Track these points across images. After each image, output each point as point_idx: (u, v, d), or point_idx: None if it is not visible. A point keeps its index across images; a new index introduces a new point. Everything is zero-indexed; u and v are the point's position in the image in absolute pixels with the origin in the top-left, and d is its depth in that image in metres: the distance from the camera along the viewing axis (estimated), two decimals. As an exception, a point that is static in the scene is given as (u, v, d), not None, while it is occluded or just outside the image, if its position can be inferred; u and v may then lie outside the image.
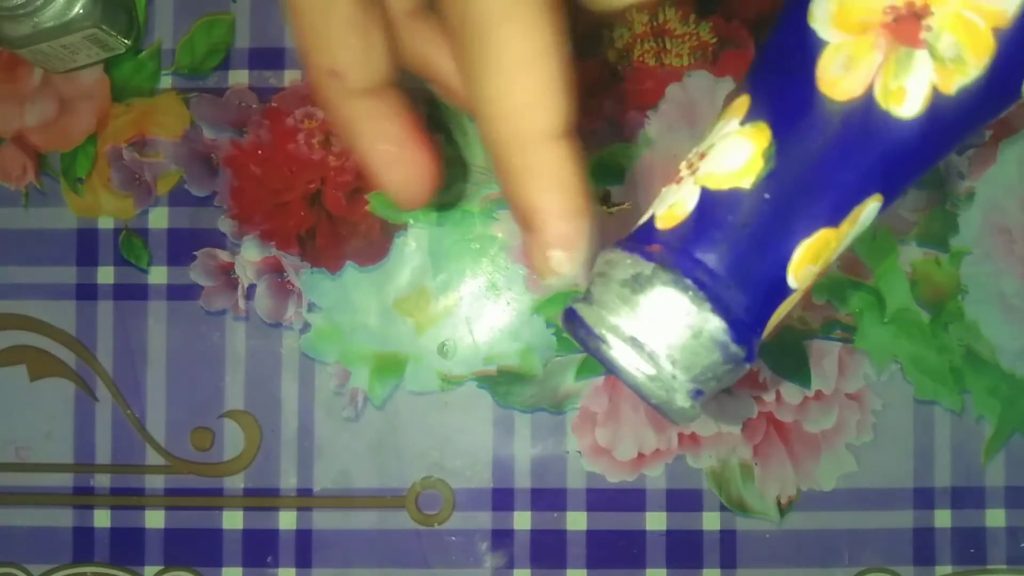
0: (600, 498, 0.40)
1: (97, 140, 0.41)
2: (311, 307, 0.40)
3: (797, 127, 0.18)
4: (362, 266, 0.40)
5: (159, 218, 0.40)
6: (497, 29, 0.17)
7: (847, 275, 0.40)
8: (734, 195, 0.18)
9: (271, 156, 0.40)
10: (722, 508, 0.40)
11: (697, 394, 0.19)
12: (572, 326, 0.20)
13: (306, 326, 0.40)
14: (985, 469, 0.40)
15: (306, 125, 0.40)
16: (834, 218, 0.18)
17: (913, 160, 0.18)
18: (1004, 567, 0.40)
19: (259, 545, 0.40)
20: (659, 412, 0.19)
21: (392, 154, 0.22)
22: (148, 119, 0.41)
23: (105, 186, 0.41)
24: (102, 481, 0.40)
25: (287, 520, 0.40)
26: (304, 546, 0.40)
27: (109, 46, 0.39)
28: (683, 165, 0.20)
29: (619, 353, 0.18)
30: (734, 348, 0.18)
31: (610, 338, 0.18)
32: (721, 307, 0.18)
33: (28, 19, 0.35)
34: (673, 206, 0.19)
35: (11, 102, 0.41)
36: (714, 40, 0.40)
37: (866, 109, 0.17)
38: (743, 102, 0.19)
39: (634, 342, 0.18)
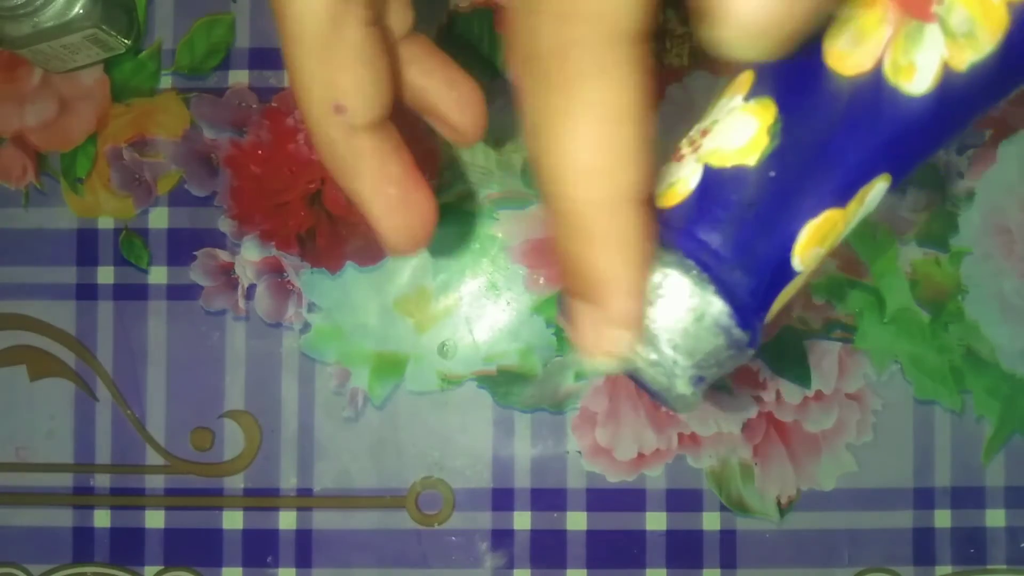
0: (600, 498, 0.40)
1: (97, 140, 0.41)
2: (311, 307, 0.40)
3: (804, 103, 0.17)
4: (362, 266, 0.40)
5: (159, 218, 0.40)
6: (590, 81, 0.15)
7: (847, 275, 0.40)
8: (738, 173, 0.17)
9: (271, 156, 0.40)
10: (722, 508, 0.40)
11: (699, 380, 0.18)
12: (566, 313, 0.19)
13: (306, 326, 0.40)
14: (985, 469, 0.40)
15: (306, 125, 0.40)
16: (842, 198, 0.17)
17: (923, 138, 0.17)
18: (1004, 567, 0.40)
19: (259, 545, 0.40)
20: (657, 400, 0.19)
21: (396, 198, 0.20)
22: (148, 119, 0.41)
23: (105, 186, 0.41)
24: (102, 481, 0.40)
25: (287, 520, 0.40)
26: (304, 546, 0.40)
27: (109, 46, 0.39)
28: (684, 142, 0.19)
29: None
30: (737, 333, 0.17)
31: None
32: (725, 290, 0.17)
33: (28, 19, 0.35)
34: (674, 184, 0.18)
35: (11, 102, 0.41)
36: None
37: (875, 84, 0.17)
38: (747, 78, 0.18)
39: None
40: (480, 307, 0.40)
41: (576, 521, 0.40)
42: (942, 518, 0.39)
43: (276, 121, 0.40)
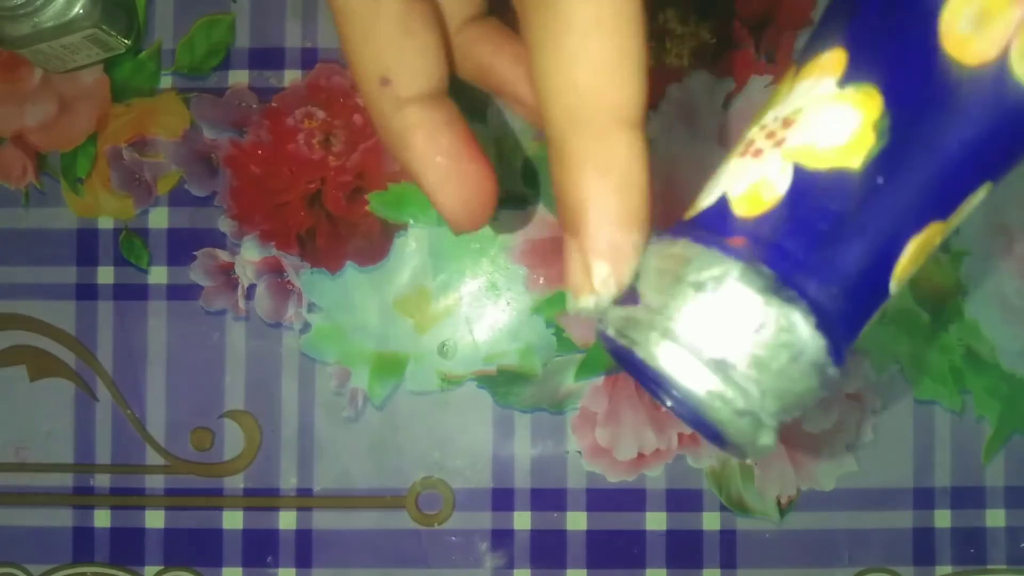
0: (600, 498, 0.40)
1: (97, 140, 0.41)
2: (311, 307, 0.40)
3: (916, 94, 0.14)
4: (362, 266, 0.40)
5: (159, 218, 0.40)
6: None
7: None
8: (839, 177, 0.14)
9: (271, 156, 0.40)
10: (722, 508, 0.40)
11: (781, 426, 0.15)
12: (618, 344, 0.16)
13: (306, 326, 0.40)
14: (985, 469, 0.40)
15: (306, 125, 0.40)
16: (948, 208, 0.15)
17: None
18: (1004, 567, 0.40)
19: (259, 545, 0.40)
20: (717, 439, 0.16)
21: (446, 168, 0.19)
22: (148, 119, 0.41)
23: (105, 186, 0.41)
24: (102, 481, 0.40)
25: (287, 520, 0.40)
26: (304, 546, 0.40)
27: (109, 46, 0.39)
28: (757, 132, 0.16)
29: (694, 380, 0.14)
30: (832, 371, 0.15)
31: (683, 360, 0.14)
32: (825, 322, 0.14)
33: (28, 19, 0.35)
34: (756, 187, 0.15)
35: (11, 102, 0.41)
36: (714, 40, 0.40)
37: (998, 78, 0.14)
38: (838, 58, 0.15)
39: (719, 366, 0.14)
40: (480, 307, 0.40)
41: (576, 521, 0.40)
42: (942, 518, 0.39)
43: (276, 121, 0.40)
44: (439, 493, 0.40)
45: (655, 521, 0.39)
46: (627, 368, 0.17)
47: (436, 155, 0.19)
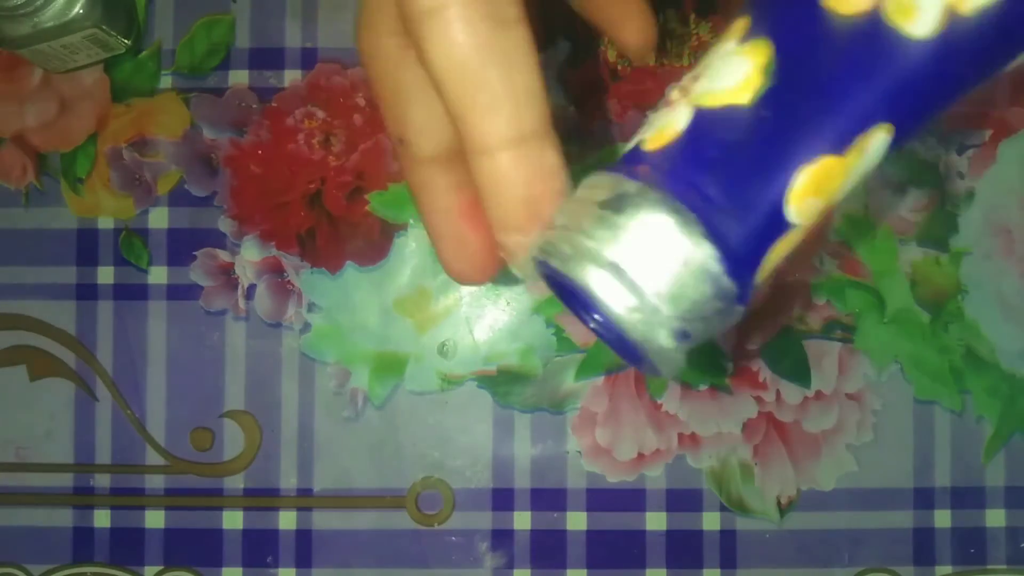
0: (600, 498, 0.40)
1: (97, 140, 0.41)
2: (311, 307, 0.40)
3: (799, 43, 0.16)
4: (362, 266, 0.40)
5: (159, 218, 0.40)
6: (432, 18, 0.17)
7: (847, 275, 0.40)
8: (730, 112, 0.17)
9: (271, 156, 0.40)
10: (722, 508, 0.40)
11: (682, 335, 0.17)
12: (539, 261, 0.18)
13: (306, 326, 0.40)
14: (985, 469, 0.40)
15: (306, 125, 0.40)
16: (838, 144, 0.16)
17: (927, 87, 0.16)
18: (1004, 567, 0.40)
19: (259, 545, 0.40)
20: (637, 359, 0.18)
21: (444, 228, 0.22)
22: (148, 119, 0.41)
23: (105, 186, 0.41)
24: (102, 481, 0.40)
25: (287, 520, 0.40)
26: (304, 546, 0.40)
27: (109, 46, 0.39)
28: (674, 91, 0.18)
29: (596, 282, 0.17)
30: (726, 282, 0.17)
31: (586, 264, 0.17)
32: (714, 233, 0.16)
33: (28, 19, 0.35)
34: (662, 128, 0.17)
35: (11, 102, 0.41)
36: (714, 40, 0.40)
37: (873, 24, 0.16)
38: (742, 24, 0.17)
39: (615, 268, 0.17)
40: (480, 307, 0.40)
41: (576, 521, 0.40)
42: (942, 518, 0.39)
43: (276, 121, 0.40)
44: (439, 493, 0.40)
45: (655, 521, 0.39)
46: (555, 289, 0.19)
47: (436, 214, 0.22)
